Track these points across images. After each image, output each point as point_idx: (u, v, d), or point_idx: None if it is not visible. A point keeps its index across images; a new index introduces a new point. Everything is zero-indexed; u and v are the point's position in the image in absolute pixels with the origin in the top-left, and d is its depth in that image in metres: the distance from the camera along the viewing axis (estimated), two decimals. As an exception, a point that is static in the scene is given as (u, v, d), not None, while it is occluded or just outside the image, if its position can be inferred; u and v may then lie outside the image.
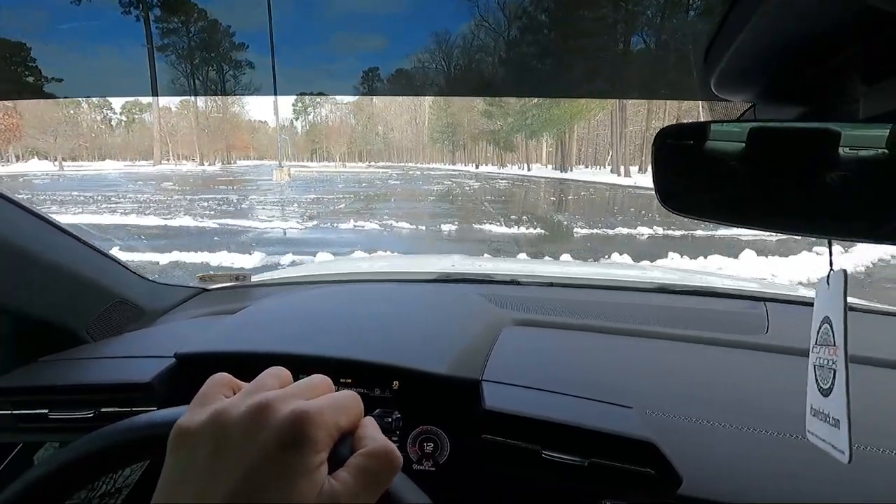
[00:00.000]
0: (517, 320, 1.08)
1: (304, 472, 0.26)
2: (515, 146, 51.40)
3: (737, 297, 1.24)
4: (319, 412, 0.28)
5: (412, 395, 0.82)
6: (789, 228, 0.43)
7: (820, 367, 0.42)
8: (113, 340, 1.03)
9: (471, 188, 22.23)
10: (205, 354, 0.89)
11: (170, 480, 0.28)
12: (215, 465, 0.27)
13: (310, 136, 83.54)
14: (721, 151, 0.44)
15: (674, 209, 0.47)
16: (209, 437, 0.28)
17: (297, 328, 0.99)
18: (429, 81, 6.20)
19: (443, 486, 0.80)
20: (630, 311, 1.13)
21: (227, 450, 0.27)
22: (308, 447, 0.27)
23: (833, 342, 0.40)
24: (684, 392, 0.81)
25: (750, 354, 0.95)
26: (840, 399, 0.39)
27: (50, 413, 0.84)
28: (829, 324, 0.41)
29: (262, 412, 0.28)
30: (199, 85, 4.98)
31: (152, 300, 1.19)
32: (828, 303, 0.42)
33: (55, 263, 0.92)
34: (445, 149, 72.26)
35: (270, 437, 0.26)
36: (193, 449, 0.28)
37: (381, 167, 56.75)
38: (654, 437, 0.66)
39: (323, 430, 0.28)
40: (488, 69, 4.44)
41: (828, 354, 0.41)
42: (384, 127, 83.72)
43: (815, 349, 0.43)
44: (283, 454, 0.26)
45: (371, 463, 0.28)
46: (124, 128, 70.73)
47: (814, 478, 0.62)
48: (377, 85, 5.98)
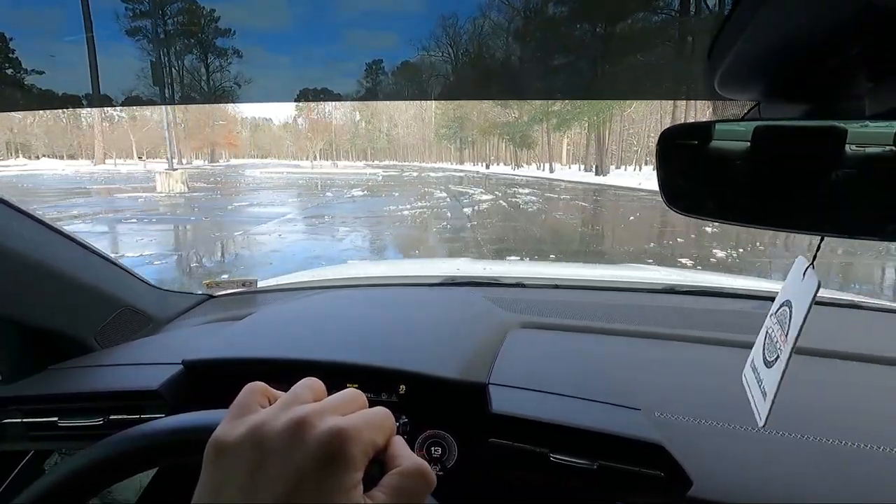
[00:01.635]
0: (523, 323, 1.08)
1: (341, 491, 0.26)
2: (534, 141, 45.87)
3: (746, 297, 1.23)
4: (357, 430, 0.28)
5: (419, 400, 0.82)
6: (794, 227, 0.43)
7: (770, 339, 0.47)
8: (121, 348, 1.04)
9: (474, 207, 13.06)
10: (212, 361, 0.90)
11: (208, 492, 0.28)
12: (253, 481, 0.26)
13: (289, 131, 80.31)
14: (726, 151, 0.44)
15: (680, 210, 0.47)
16: (249, 452, 0.28)
17: (303, 333, 0.99)
18: (436, 73, 5.76)
19: (451, 490, 0.79)
20: (637, 312, 1.13)
21: (266, 466, 0.27)
22: (345, 465, 0.27)
23: (786, 331, 0.44)
24: (693, 393, 0.81)
25: None
26: (775, 379, 0.44)
27: (59, 421, 0.84)
28: (788, 308, 0.44)
29: (301, 428, 0.27)
30: (176, 77, 4.24)
31: (159, 307, 1.20)
32: (795, 291, 0.44)
33: (63, 272, 0.93)
34: (453, 146, 68.03)
35: (309, 455, 0.26)
36: (232, 463, 0.28)
37: (357, 169, 47.31)
38: (662, 439, 0.66)
39: (359, 448, 0.27)
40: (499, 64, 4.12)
41: (779, 336, 0.45)
42: (385, 122, 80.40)
43: (771, 318, 0.48)
44: (322, 472, 0.26)
45: (406, 482, 0.28)
46: (66, 122, 61.60)
47: (824, 479, 0.61)
48: (381, 79, 5.45)
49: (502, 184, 23.37)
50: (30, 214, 0.88)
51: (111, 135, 60.69)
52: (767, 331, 0.47)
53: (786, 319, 0.44)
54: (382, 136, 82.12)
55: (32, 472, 0.97)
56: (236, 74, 0.94)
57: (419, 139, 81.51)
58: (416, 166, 58.59)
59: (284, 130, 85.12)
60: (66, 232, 0.95)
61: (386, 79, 0.96)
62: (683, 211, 0.47)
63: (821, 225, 0.41)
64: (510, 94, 1.59)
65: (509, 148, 53.20)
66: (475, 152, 66.32)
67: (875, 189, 0.37)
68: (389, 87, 0.99)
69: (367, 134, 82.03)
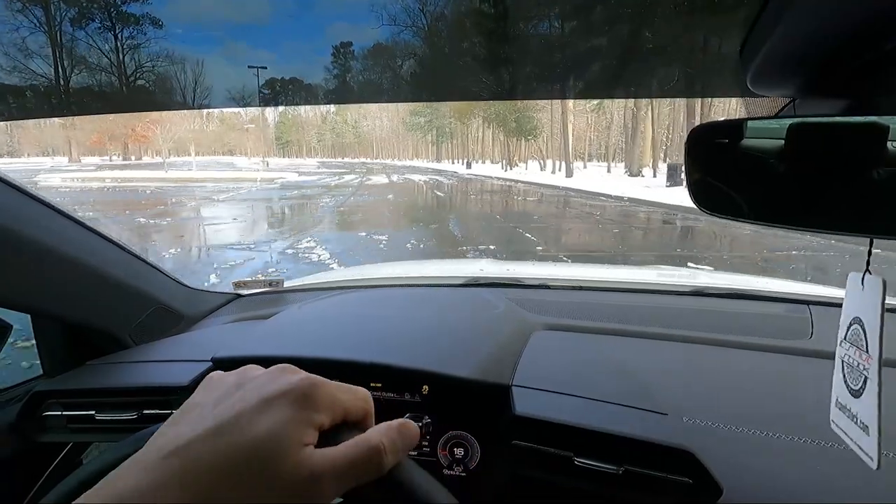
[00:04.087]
0: (547, 325, 1.07)
1: (297, 423, 0.29)
2: (536, 127, 35.72)
3: (778, 300, 1.19)
4: (328, 385, 0.32)
5: (442, 400, 0.82)
6: (832, 228, 0.42)
7: (850, 366, 0.42)
8: (154, 345, 1.07)
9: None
10: (241, 359, 0.92)
11: (179, 410, 0.32)
12: (224, 398, 0.31)
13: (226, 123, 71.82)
14: (759, 149, 0.43)
15: (708, 209, 0.46)
16: (231, 379, 0.33)
17: (327, 333, 1.00)
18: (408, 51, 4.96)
19: (473, 491, 0.79)
20: (664, 314, 1.10)
21: (240, 390, 0.31)
22: (309, 407, 0.30)
23: (866, 347, 0.40)
24: (722, 399, 0.78)
25: (793, 360, 0.91)
26: (871, 406, 0.38)
27: (97, 414, 0.88)
28: (860, 325, 0.40)
29: (283, 372, 0.32)
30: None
31: (190, 306, 1.24)
32: (860, 304, 0.41)
33: (101, 271, 0.97)
34: (428, 138, 56.32)
35: (280, 387, 0.31)
36: (214, 387, 0.33)
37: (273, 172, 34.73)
38: (691, 444, 0.64)
39: (328, 401, 0.31)
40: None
41: (859, 358, 0.40)
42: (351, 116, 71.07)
43: (843, 344, 0.43)
44: (286, 402, 0.30)
45: (356, 451, 0.30)
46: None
47: (861, 491, 0.59)
48: (351, 64, 4.65)
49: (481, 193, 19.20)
50: (69, 214, 0.92)
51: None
52: (843, 360, 0.43)
53: (860, 337, 0.40)
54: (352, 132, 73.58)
55: (71, 464, 1.01)
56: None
57: (389, 132, 73.61)
58: (381, 164, 51.66)
59: (222, 124, 77.72)
60: (103, 231, 0.99)
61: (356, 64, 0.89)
62: (713, 211, 0.46)
63: (860, 225, 0.39)
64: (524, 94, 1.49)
65: (499, 139, 42.09)
66: (455, 147, 56.08)
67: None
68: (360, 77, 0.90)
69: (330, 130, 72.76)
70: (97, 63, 0.82)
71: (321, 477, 0.28)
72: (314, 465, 0.28)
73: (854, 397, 0.41)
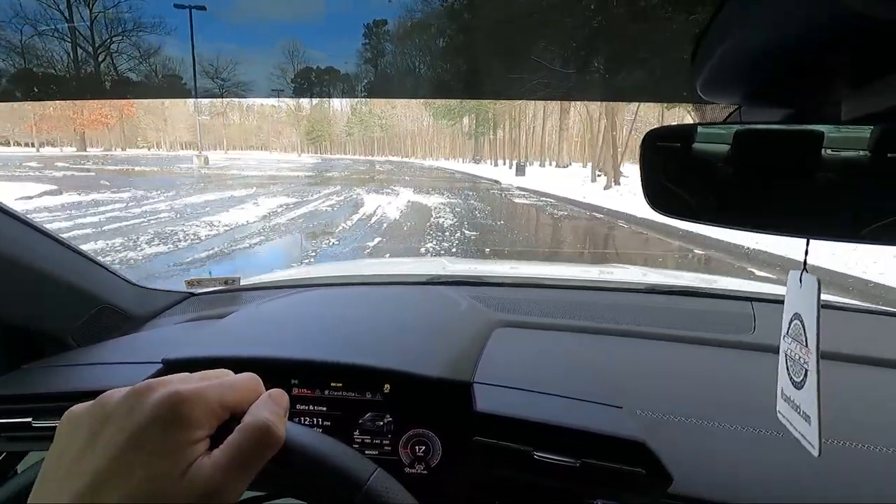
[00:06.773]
0: (507, 322, 1.08)
1: (173, 450, 0.27)
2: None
3: (724, 297, 1.26)
4: (198, 392, 0.29)
5: (404, 398, 0.82)
6: (772, 229, 0.44)
7: (792, 360, 0.45)
8: (99, 346, 1.01)
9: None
10: (193, 360, 0.88)
11: (52, 460, 0.29)
12: (90, 445, 0.28)
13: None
14: (708, 153, 0.45)
15: (661, 210, 0.48)
16: (91, 420, 0.29)
17: (286, 332, 0.98)
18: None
19: (435, 489, 0.79)
20: (619, 311, 1.14)
21: (103, 431, 0.28)
22: (180, 425, 0.28)
23: (805, 342, 0.42)
24: (673, 391, 0.82)
25: (738, 353, 0.96)
26: (812, 397, 0.41)
27: (34, 421, 0.82)
28: (800, 321, 0.43)
29: (138, 394, 0.29)
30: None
31: (139, 305, 1.17)
32: (799, 302, 0.43)
33: (39, 268, 0.91)
34: (461, 131, 46.03)
35: (143, 416, 0.28)
36: (75, 431, 0.29)
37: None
38: (643, 436, 0.67)
39: (200, 409, 0.29)
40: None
41: (800, 352, 0.43)
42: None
43: (785, 339, 0.46)
44: (154, 431, 0.28)
45: (244, 439, 0.29)
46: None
47: (803, 475, 0.63)
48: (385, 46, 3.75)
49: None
50: (4, 208, 0.85)
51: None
52: (786, 353, 0.46)
53: (800, 332, 0.43)
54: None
55: (5, 474, 0.94)
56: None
57: (416, 124, 67.79)
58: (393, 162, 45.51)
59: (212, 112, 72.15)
60: (42, 227, 0.93)
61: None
62: (663, 211, 0.48)
63: (798, 227, 0.42)
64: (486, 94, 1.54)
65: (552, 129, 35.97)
66: (498, 140, 45.83)
67: (852, 192, 0.38)
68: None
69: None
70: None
71: (216, 483, 0.27)
72: (204, 477, 0.27)
73: (797, 389, 0.43)
